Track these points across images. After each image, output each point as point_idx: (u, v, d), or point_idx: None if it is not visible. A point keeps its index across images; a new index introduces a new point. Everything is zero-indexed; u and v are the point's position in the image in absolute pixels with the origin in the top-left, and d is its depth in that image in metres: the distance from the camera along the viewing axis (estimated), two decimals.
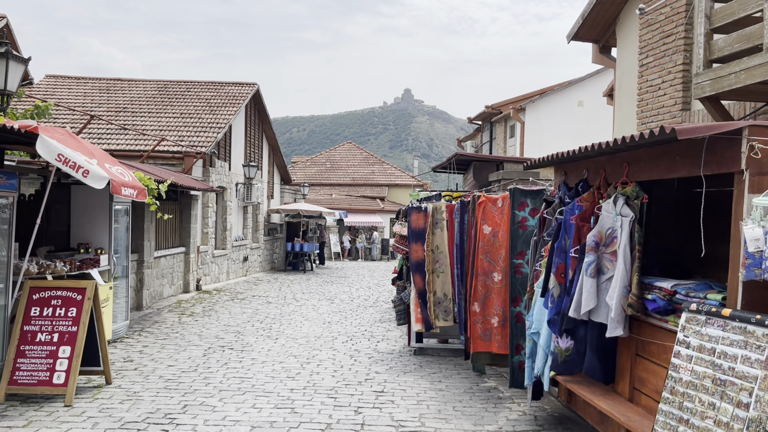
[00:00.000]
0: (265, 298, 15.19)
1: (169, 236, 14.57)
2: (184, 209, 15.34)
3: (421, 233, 8.49)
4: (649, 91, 7.97)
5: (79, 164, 6.22)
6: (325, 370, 7.96)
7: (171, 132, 17.01)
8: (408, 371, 8.03)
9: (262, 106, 22.35)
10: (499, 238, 6.86)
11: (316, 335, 10.49)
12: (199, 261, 16.33)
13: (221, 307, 13.38)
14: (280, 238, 25.78)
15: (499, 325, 6.79)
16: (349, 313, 13.09)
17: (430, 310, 8.37)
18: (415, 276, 8.55)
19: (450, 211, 8.43)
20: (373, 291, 17.71)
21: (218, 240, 18.77)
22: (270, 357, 8.69)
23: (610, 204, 4.43)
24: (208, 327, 11.00)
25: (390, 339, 10.31)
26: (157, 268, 13.53)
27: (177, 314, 12.22)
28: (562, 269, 5.00)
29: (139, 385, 6.99)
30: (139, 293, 12.46)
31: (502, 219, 6.85)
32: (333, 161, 42.27)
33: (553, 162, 5.43)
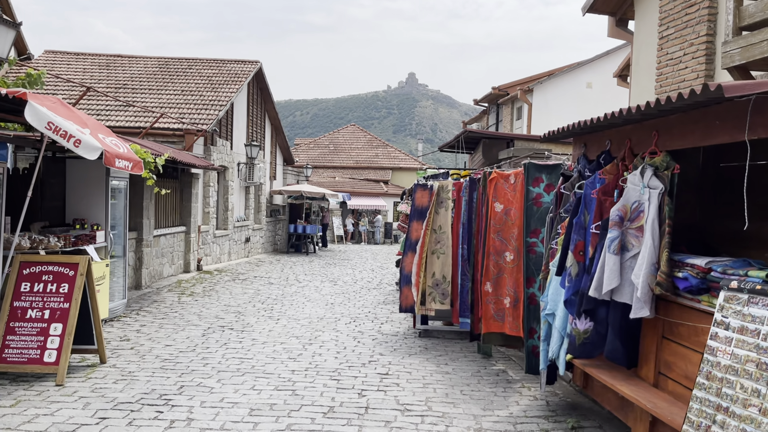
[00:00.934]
0: (266, 279, 14.93)
1: (170, 215, 14.29)
2: (184, 188, 15.04)
3: (423, 211, 8.18)
4: (669, 65, 7.61)
5: (71, 133, 5.91)
6: (328, 352, 7.70)
7: (172, 109, 16.66)
8: (413, 353, 7.77)
9: (265, 85, 21.96)
10: (511, 216, 6.54)
11: (318, 316, 10.23)
12: (200, 241, 16.06)
13: (222, 288, 13.12)
14: (282, 219, 25.50)
15: (511, 306, 6.50)
16: (352, 295, 12.83)
17: (423, 292, 8.06)
18: (408, 255, 8.25)
19: (458, 189, 8.12)
20: (376, 273, 17.45)
21: (220, 220, 18.49)
22: (271, 338, 8.43)
23: (637, 176, 4.12)
24: (208, 307, 10.75)
25: (394, 321, 10.04)
26: (157, 247, 13.26)
27: (177, 294, 11.97)
28: (581, 246, 4.69)
29: (134, 365, 6.73)
30: (138, 272, 12.20)
31: (514, 196, 6.54)
32: (336, 144, 41.88)
33: (572, 132, 5.10)
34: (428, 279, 7.96)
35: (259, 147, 20.70)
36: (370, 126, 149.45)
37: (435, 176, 8.49)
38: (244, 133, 20.39)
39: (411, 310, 8.25)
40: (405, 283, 8.23)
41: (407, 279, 8.18)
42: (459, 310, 7.97)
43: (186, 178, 15.05)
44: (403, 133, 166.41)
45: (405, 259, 8.20)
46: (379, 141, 42.85)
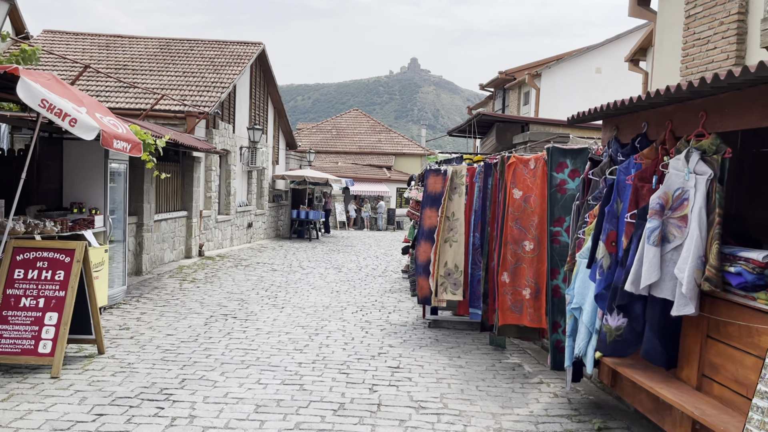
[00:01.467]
0: (270, 266, 14.63)
1: (171, 199, 13.96)
2: (186, 172, 14.70)
3: (437, 198, 7.85)
4: (697, 45, 7.23)
5: (66, 112, 5.57)
6: (335, 343, 7.40)
7: (173, 91, 16.27)
8: (424, 345, 7.47)
9: (268, 68, 21.53)
10: (530, 203, 6.21)
11: (324, 305, 9.93)
12: (201, 226, 15.74)
13: (224, 274, 12.82)
14: (285, 205, 25.17)
15: (531, 297, 6.18)
16: (357, 283, 12.53)
17: (436, 283, 7.76)
18: (422, 244, 7.93)
19: (471, 174, 7.77)
20: (381, 260, 17.15)
21: (222, 205, 18.16)
22: (276, 327, 8.13)
23: (681, 160, 3.77)
24: (210, 294, 10.45)
25: (402, 310, 9.75)
26: (158, 232, 12.95)
27: (178, 280, 11.67)
28: (613, 237, 4.36)
29: (134, 356, 6.43)
30: (139, 257, 11.89)
31: (534, 182, 6.20)
32: (339, 129, 41.43)
33: (603, 114, 4.75)
34: (440, 268, 7.64)
35: (262, 131, 20.33)
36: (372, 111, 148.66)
37: (448, 161, 8.14)
38: (247, 117, 20.00)
39: (428, 301, 7.95)
40: (420, 273, 7.91)
41: (422, 269, 7.86)
42: (469, 300, 7.66)
43: (188, 162, 14.70)
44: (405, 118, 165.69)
45: (419, 248, 7.88)
46: (382, 126, 42.39)
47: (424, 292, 7.91)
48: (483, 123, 9.53)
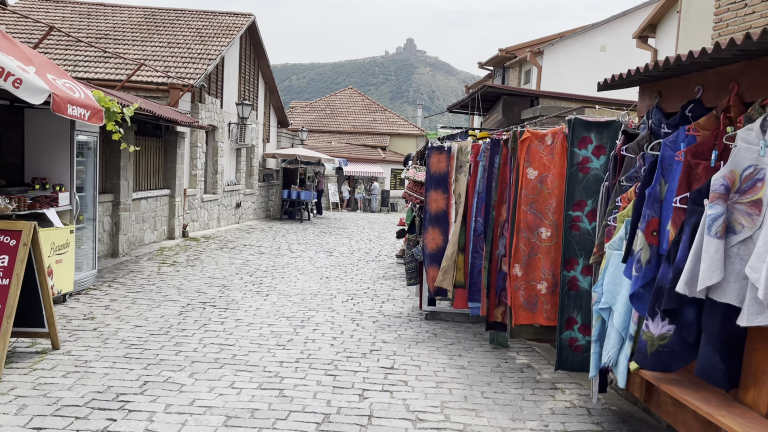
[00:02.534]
0: (257, 248, 13.86)
1: (152, 177, 13.12)
2: (168, 148, 13.84)
3: (442, 178, 7.07)
4: (731, 9, 6.43)
5: (9, 71, 4.75)
6: (323, 337, 6.66)
7: (156, 62, 15.35)
8: (420, 341, 6.74)
9: (259, 41, 20.57)
10: (547, 184, 5.44)
11: (312, 292, 9.18)
12: (185, 205, 14.92)
13: (207, 257, 12.05)
14: (276, 184, 24.33)
15: (548, 292, 5.44)
16: (349, 268, 11.79)
17: (448, 272, 7.02)
18: (429, 230, 7.17)
19: (474, 152, 6.99)
20: (374, 244, 16.40)
21: (208, 184, 17.33)
22: (258, 318, 7.38)
23: (753, 131, 3.01)
24: (190, 279, 9.68)
25: (396, 299, 9.01)
26: (137, 211, 12.14)
27: (157, 263, 10.89)
28: (655, 225, 3.61)
29: (93, 352, 5.67)
30: (115, 238, 11.09)
31: (552, 160, 5.42)
32: (333, 107, 40.46)
33: (640, 78, 3.98)
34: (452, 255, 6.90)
35: (252, 107, 19.44)
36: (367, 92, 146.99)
37: (451, 137, 7.36)
38: (236, 92, 19.09)
39: (442, 293, 7.20)
40: (430, 262, 7.15)
41: (432, 258, 7.10)
42: (469, 292, 6.90)
43: (171, 138, 13.84)
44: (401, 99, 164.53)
45: (426, 235, 7.11)
46: (377, 105, 41.44)
47: (437, 285, 7.16)
48: (487, 97, 8.73)
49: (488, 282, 6.26)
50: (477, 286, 6.82)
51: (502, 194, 6.24)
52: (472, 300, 6.85)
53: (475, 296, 6.83)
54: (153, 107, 10.21)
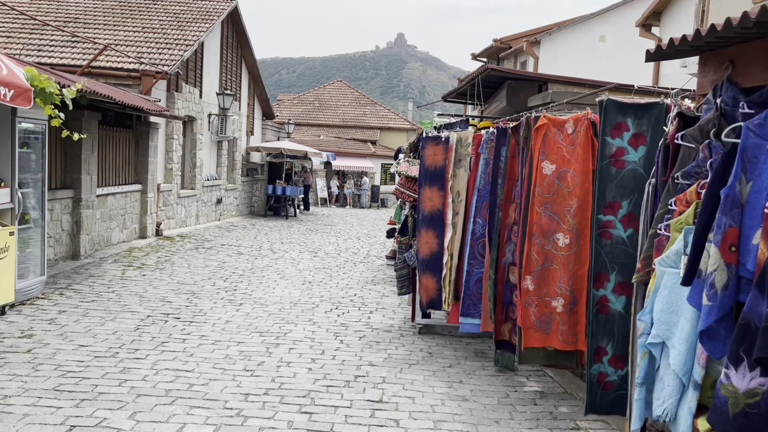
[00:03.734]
0: (236, 248, 12.86)
1: (121, 171, 12.09)
2: (140, 139, 12.80)
3: (438, 174, 6.13)
4: None
5: None
6: (300, 360, 5.71)
7: (128, 47, 14.27)
8: (414, 362, 5.80)
9: (242, 28, 19.51)
10: (567, 181, 4.51)
11: (291, 300, 8.22)
12: (159, 201, 13.89)
13: (180, 258, 11.04)
14: (260, 179, 23.29)
15: (565, 310, 4.52)
16: (334, 270, 10.83)
17: (446, 283, 6.09)
18: (423, 233, 6.23)
19: (476, 143, 6.05)
20: (363, 243, 15.44)
21: (186, 178, 16.29)
22: (226, 334, 6.41)
23: None
24: (156, 285, 8.69)
25: (386, 308, 8.07)
26: (103, 209, 11.11)
27: (122, 266, 9.88)
28: (734, 237, 2.68)
29: (17, 383, 4.69)
30: (76, 239, 10.06)
31: (573, 152, 4.49)
32: (322, 100, 39.41)
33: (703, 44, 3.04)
34: (450, 262, 5.98)
35: (234, 97, 18.39)
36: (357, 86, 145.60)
37: (449, 126, 6.42)
38: (217, 81, 18.04)
39: (435, 306, 6.27)
40: (423, 270, 6.22)
41: (426, 264, 6.17)
42: (462, 305, 5.96)
43: (142, 128, 12.80)
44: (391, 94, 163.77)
45: (419, 238, 6.17)
46: (367, 99, 40.43)
47: (430, 294, 6.23)
48: (489, 83, 7.79)
49: (494, 294, 5.34)
50: (473, 299, 5.90)
51: (509, 192, 5.31)
52: (465, 314, 5.91)
53: (470, 310, 5.90)
54: (112, 92, 9.18)
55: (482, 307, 5.68)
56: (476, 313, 5.79)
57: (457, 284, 6.08)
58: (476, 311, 5.78)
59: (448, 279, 6.16)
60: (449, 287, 6.13)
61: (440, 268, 6.17)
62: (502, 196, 5.28)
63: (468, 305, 5.89)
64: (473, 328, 5.80)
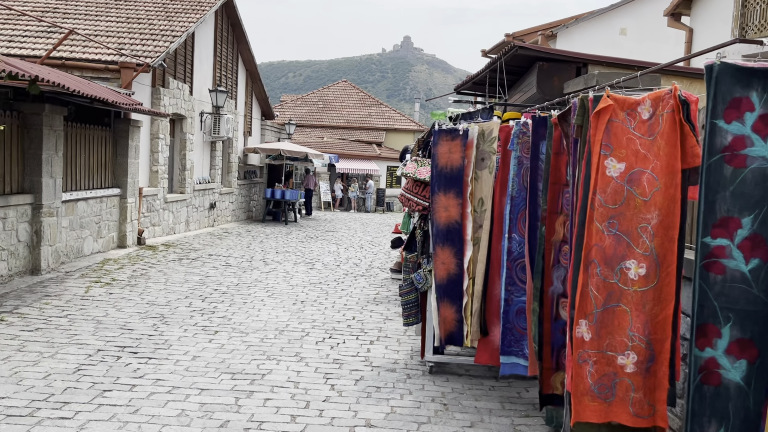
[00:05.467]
0: (224, 259, 11.59)
1: (95, 173, 10.84)
2: (119, 138, 11.55)
3: (455, 176, 4.83)
4: None
5: None
6: (276, 417, 4.41)
7: (109, 38, 13.05)
8: (424, 420, 4.50)
9: (238, 21, 18.28)
10: (643, 186, 3.21)
11: (278, 326, 6.93)
12: (142, 207, 12.64)
13: (158, 272, 9.77)
14: (259, 182, 22.05)
15: (639, 370, 3.21)
16: (332, 286, 9.53)
17: (468, 313, 4.79)
18: (439, 251, 4.93)
19: (504, 137, 4.75)
20: (365, 252, 14.14)
21: (175, 181, 15.05)
22: (188, 377, 5.12)
23: None
24: (121, 306, 7.42)
25: (389, 337, 6.78)
26: (71, 216, 9.85)
27: (88, 282, 8.62)
28: None
29: None
30: (36, 251, 8.79)
31: (652, 146, 3.19)
32: (326, 101, 38.19)
33: None
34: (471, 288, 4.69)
35: (228, 94, 17.16)
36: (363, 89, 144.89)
37: (469, 116, 5.12)
38: (210, 77, 16.81)
39: (455, 341, 4.98)
40: (440, 297, 4.93)
41: (443, 290, 4.89)
42: (502, 341, 4.66)
43: (121, 126, 11.56)
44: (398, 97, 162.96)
45: (435, 258, 4.87)
46: (372, 99, 39.19)
47: (449, 326, 4.94)
48: (513, 69, 6.47)
49: (539, 334, 4.03)
50: (515, 334, 4.60)
51: (554, 200, 4.01)
52: (507, 352, 4.61)
53: (512, 347, 4.60)
54: (68, 81, 7.90)
55: (528, 345, 4.38)
56: (521, 351, 4.48)
57: (483, 315, 4.78)
58: (520, 349, 4.48)
59: (470, 308, 4.86)
60: (472, 318, 4.83)
61: (460, 295, 4.87)
62: (545, 206, 3.97)
63: (510, 341, 4.58)
64: (518, 369, 4.50)
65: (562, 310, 4.11)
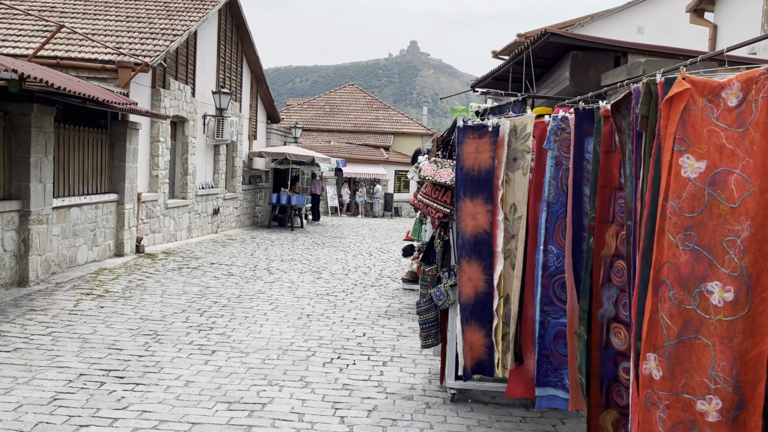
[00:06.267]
0: (227, 268, 10.99)
1: (90, 178, 10.28)
2: (116, 141, 11.00)
3: (483, 179, 4.21)
4: None
5: None
6: None
7: (108, 37, 12.52)
8: None
9: (242, 21, 17.76)
10: (730, 189, 2.58)
11: (281, 345, 6.31)
12: (141, 213, 12.08)
13: (155, 282, 9.18)
14: (264, 187, 21.50)
15: (724, 421, 2.58)
16: (340, 298, 8.91)
17: (499, 337, 4.17)
18: (466, 265, 4.31)
19: (539, 135, 4.13)
20: (375, 259, 13.52)
21: (177, 186, 14.49)
22: (179, 407, 4.51)
23: None
24: (111, 322, 6.83)
25: (404, 356, 6.15)
26: (64, 223, 9.29)
27: (79, 294, 8.04)
28: None
29: None
30: (24, 261, 8.23)
31: (742, 139, 2.56)
32: (333, 105, 37.66)
33: None
34: (501, 307, 4.07)
35: (232, 96, 16.62)
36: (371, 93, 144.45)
37: (498, 109, 4.49)
38: (213, 79, 16.27)
39: (484, 371, 4.35)
40: (467, 318, 4.31)
41: (469, 312, 4.28)
42: (537, 370, 4.02)
43: (119, 128, 11.01)
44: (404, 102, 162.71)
45: (461, 273, 4.26)
46: (380, 103, 38.62)
47: (477, 353, 4.31)
48: (541, 60, 5.83)
49: (586, 364, 3.40)
50: (552, 362, 3.98)
51: (604, 207, 3.39)
52: (543, 383, 3.98)
53: (550, 377, 3.97)
54: (53, 77, 7.32)
55: (569, 374, 3.75)
56: (560, 382, 3.85)
57: (517, 339, 4.16)
58: (559, 379, 3.85)
59: (500, 332, 4.24)
60: (503, 344, 4.20)
61: (490, 317, 4.25)
62: (593, 214, 3.35)
63: (547, 370, 3.95)
64: (557, 403, 3.87)
65: (614, 337, 3.49)
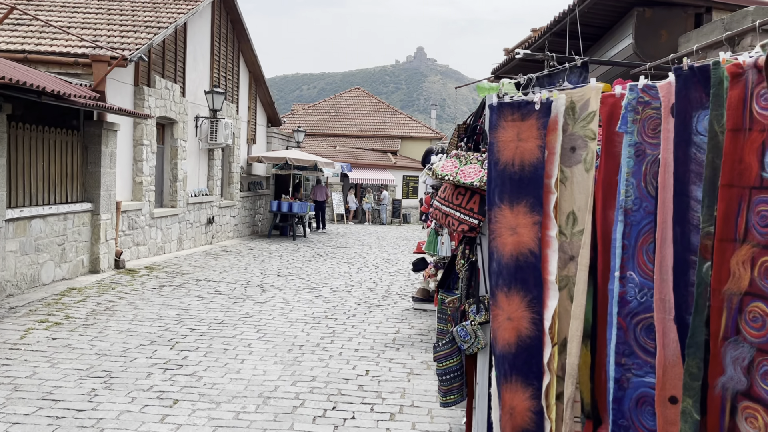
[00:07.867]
0: (214, 285, 9.75)
1: (58, 185, 9.08)
2: (90, 144, 9.81)
3: (528, 178, 2.93)
4: None
5: None
6: None
7: (84, 30, 11.35)
8: None
9: (238, 17, 16.60)
10: None
11: (262, 392, 5.04)
12: (121, 224, 10.87)
13: (128, 305, 7.94)
14: (265, 194, 20.29)
15: None
16: (340, 322, 7.64)
17: (552, 400, 2.89)
18: (503, 299, 3.03)
19: (607, 113, 2.83)
20: (382, 272, 12.24)
21: (165, 194, 13.29)
22: None
23: None
24: (58, 360, 5.58)
25: (417, 405, 4.87)
26: (23, 237, 8.08)
27: (32, 322, 6.81)
28: None
29: None
30: None
31: None
32: (338, 109, 36.50)
33: None
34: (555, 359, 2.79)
35: (226, 96, 15.42)
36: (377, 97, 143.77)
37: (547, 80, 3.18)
38: (207, 78, 15.09)
39: None
40: (506, 373, 3.03)
41: (508, 364, 2.99)
42: None
43: (92, 130, 9.82)
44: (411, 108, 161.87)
45: (494, 309, 2.98)
46: (386, 107, 37.41)
47: (519, 421, 3.02)
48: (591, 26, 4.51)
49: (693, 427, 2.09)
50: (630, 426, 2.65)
51: (729, 218, 2.08)
52: None
53: None
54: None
55: None
56: None
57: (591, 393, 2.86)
58: None
59: (554, 392, 2.95)
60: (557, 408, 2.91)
61: (539, 372, 2.96)
62: (709, 227, 2.07)
63: None
64: None
65: (746, 423, 2.19)
